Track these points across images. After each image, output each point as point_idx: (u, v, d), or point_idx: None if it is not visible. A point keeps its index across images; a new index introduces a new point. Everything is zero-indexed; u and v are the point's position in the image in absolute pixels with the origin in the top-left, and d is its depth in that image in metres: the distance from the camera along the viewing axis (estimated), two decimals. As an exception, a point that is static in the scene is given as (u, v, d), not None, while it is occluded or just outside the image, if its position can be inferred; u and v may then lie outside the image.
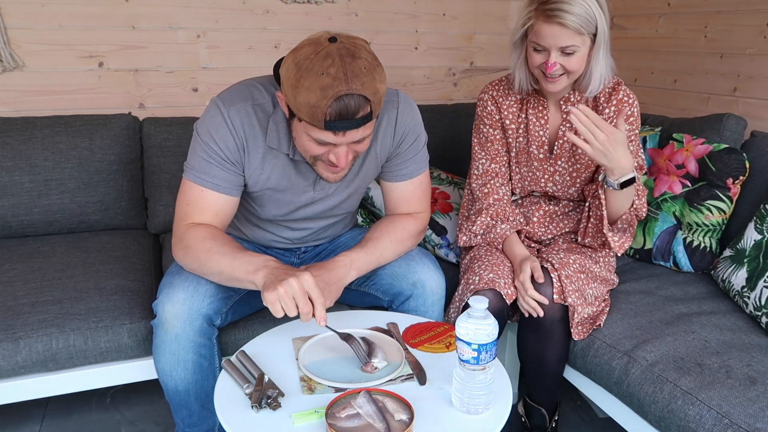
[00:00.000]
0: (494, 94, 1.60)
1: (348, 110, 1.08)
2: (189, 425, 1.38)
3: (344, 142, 1.14)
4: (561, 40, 1.37)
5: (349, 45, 1.10)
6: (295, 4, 2.22)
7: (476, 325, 0.99)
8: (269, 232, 1.49)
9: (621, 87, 1.52)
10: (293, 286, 1.06)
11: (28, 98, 2.02)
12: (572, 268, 1.45)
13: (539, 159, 1.59)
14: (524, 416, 1.64)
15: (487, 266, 1.48)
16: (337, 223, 1.55)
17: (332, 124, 1.09)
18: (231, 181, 1.28)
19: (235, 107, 1.25)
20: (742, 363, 1.26)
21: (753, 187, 1.67)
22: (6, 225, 1.86)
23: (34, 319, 1.42)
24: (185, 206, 1.28)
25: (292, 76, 1.09)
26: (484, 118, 1.62)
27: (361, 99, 1.09)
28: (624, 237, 1.50)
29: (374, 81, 1.10)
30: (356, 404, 1.00)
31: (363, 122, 1.12)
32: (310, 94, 1.07)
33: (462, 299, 1.47)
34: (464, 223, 1.67)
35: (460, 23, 2.49)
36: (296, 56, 1.10)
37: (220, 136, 1.24)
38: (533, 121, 1.57)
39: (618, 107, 1.51)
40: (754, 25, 1.91)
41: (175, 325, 1.25)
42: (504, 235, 1.56)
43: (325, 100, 1.06)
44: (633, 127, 1.53)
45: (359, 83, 1.07)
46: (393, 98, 1.36)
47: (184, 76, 2.17)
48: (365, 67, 1.09)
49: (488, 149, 1.61)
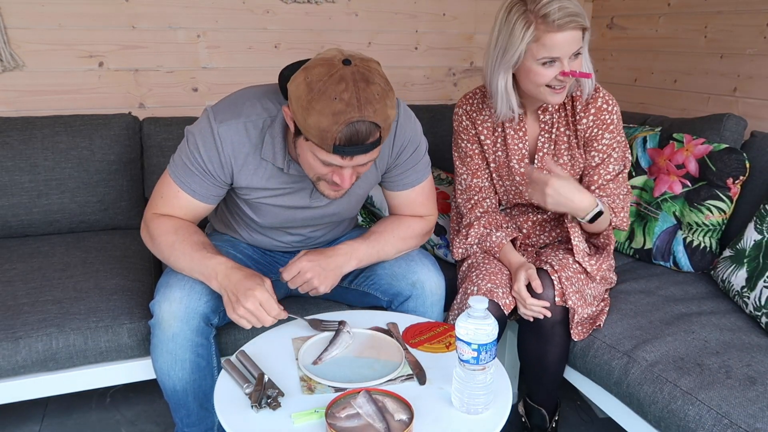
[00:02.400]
0: (468, 109, 1.56)
1: (358, 136, 1.07)
2: (188, 425, 1.38)
3: (351, 165, 1.14)
4: (574, 44, 1.32)
5: (363, 69, 1.08)
6: (295, 4, 2.22)
7: (476, 325, 0.99)
8: (268, 237, 1.49)
9: (599, 93, 1.46)
10: (249, 308, 1.14)
11: (28, 98, 2.02)
12: (572, 269, 1.45)
13: (520, 173, 1.55)
14: (524, 416, 1.64)
15: (485, 275, 1.47)
16: (337, 228, 1.55)
17: (341, 148, 1.08)
18: (208, 190, 1.31)
19: (226, 124, 1.24)
20: (742, 363, 1.26)
21: (753, 187, 1.67)
22: (6, 225, 1.86)
23: (34, 319, 1.41)
24: (159, 197, 1.33)
25: (303, 96, 1.07)
26: (461, 133, 1.58)
27: (372, 126, 1.07)
28: (601, 258, 1.52)
29: (386, 107, 1.09)
30: (356, 404, 1.00)
31: (372, 148, 1.11)
32: (321, 118, 1.05)
33: (461, 308, 1.46)
34: (456, 237, 1.63)
35: (460, 23, 2.49)
36: (308, 76, 1.07)
37: (206, 150, 1.26)
38: (511, 134, 1.52)
39: (596, 116, 1.46)
40: (754, 25, 1.91)
41: (172, 324, 1.25)
42: (500, 244, 1.53)
43: (337, 125, 1.05)
44: (614, 135, 1.47)
45: (372, 110, 1.06)
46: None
47: (184, 76, 2.17)
48: (378, 93, 1.07)
49: (468, 164, 1.58)
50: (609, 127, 1.46)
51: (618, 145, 1.48)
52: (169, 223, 1.30)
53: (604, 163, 1.48)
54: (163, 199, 1.32)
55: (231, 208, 1.48)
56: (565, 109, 1.50)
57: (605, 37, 2.53)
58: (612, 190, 1.49)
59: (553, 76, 1.34)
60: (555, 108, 1.49)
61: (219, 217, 1.58)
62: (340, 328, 1.22)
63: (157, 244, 1.29)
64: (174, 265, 1.27)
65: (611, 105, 1.46)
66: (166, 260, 1.30)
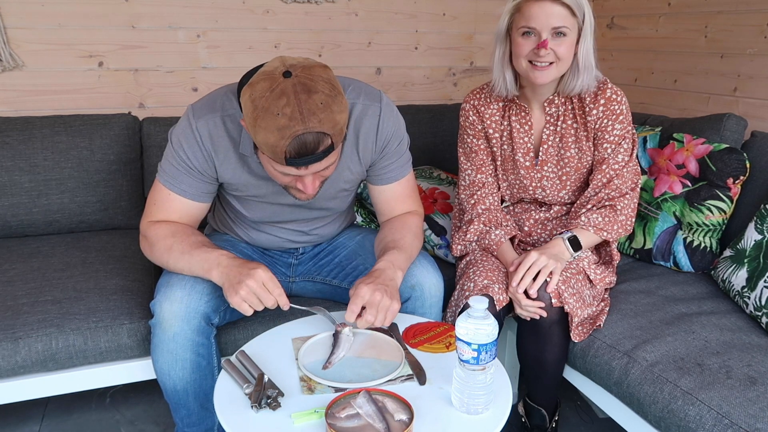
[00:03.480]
0: (475, 104, 1.58)
1: (307, 147, 1.07)
2: (188, 425, 1.38)
3: (308, 173, 1.15)
4: (554, 18, 1.34)
5: (304, 79, 1.07)
6: (295, 4, 2.22)
7: (476, 325, 0.99)
8: (264, 233, 1.50)
9: (608, 85, 1.49)
10: (251, 286, 1.13)
11: (28, 98, 2.02)
12: (570, 270, 1.45)
13: (525, 167, 1.57)
14: (524, 416, 1.64)
15: (482, 272, 1.47)
16: (332, 222, 1.55)
17: (293, 161, 1.09)
18: (198, 188, 1.31)
19: (204, 119, 1.26)
20: (742, 363, 1.26)
21: (753, 187, 1.67)
22: (6, 225, 1.86)
23: (34, 319, 1.41)
24: (152, 205, 1.34)
25: (250, 114, 1.08)
26: (467, 128, 1.60)
27: (319, 135, 1.07)
28: (606, 271, 1.55)
29: (332, 114, 1.07)
30: (356, 404, 1.00)
31: (324, 155, 1.11)
32: (268, 134, 1.06)
33: (458, 304, 1.47)
34: (456, 233, 1.65)
35: (460, 23, 2.49)
36: (252, 93, 1.08)
37: (188, 146, 1.27)
38: (517, 128, 1.55)
39: (606, 106, 1.47)
40: (754, 25, 1.91)
41: (173, 324, 1.25)
42: (499, 242, 1.54)
43: (283, 140, 1.05)
44: (624, 125, 1.49)
45: (316, 120, 1.05)
46: (375, 103, 1.34)
47: (184, 76, 2.17)
48: (322, 102, 1.06)
49: (473, 159, 1.60)
50: (619, 117, 1.48)
51: (628, 135, 1.50)
52: (166, 227, 1.30)
53: (614, 153, 1.49)
54: (157, 206, 1.33)
55: (225, 206, 1.50)
56: (572, 102, 1.51)
57: (605, 37, 2.53)
58: (618, 186, 1.49)
59: (530, 49, 1.38)
60: (561, 101, 1.50)
61: (216, 215, 1.59)
62: (339, 330, 1.22)
63: (156, 250, 1.29)
64: (174, 266, 1.27)
65: (620, 96, 1.48)
66: (165, 264, 1.29)
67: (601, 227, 1.48)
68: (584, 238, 1.48)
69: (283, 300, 1.17)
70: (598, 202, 1.50)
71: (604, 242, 1.56)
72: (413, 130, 2.23)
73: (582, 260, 1.50)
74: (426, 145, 2.26)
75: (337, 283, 1.52)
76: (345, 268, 1.51)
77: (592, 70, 1.44)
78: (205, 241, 1.28)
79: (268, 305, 1.15)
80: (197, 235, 1.30)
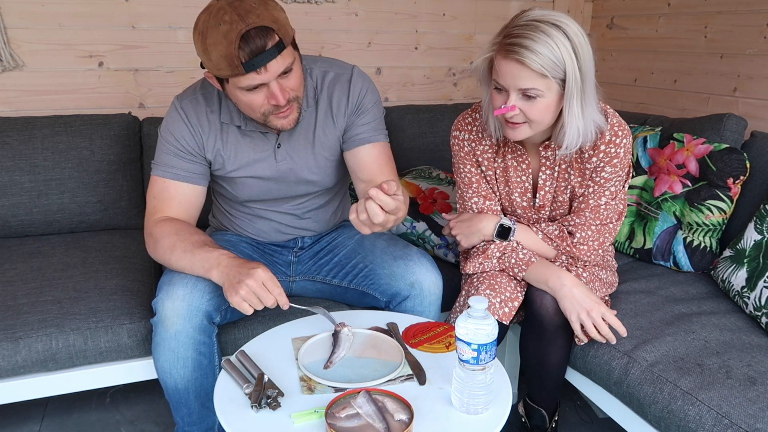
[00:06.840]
0: (467, 138, 1.46)
1: (256, 45, 1.14)
2: (189, 424, 1.38)
3: (271, 77, 1.19)
4: (520, 80, 1.20)
5: None
6: (295, 4, 2.22)
7: (476, 325, 0.99)
8: (259, 218, 1.52)
9: (607, 126, 1.33)
10: (251, 286, 1.14)
11: (28, 98, 2.02)
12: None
13: (523, 207, 1.48)
14: (524, 416, 1.64)
15: (484, 279, 1.45)
16: (324, 207, 1.56)
17: (249, 64, 1.14)
18: (190, 169, 1.37)
19: (186, 98, 1.37)
20: (742, 363, 1.26)
21: (753, 187, 1.67)
22: (6, 225, 1.86)
23: (34, 319, 1.41)
24: (152, 200, 1.37)
25: (200, 42, 1.17)
26: (463, 159, 1.48)
27: (262, 29, 1.14)
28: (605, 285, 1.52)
29: (269, 10, 1.16)
30: (356, 404, 1.00)
31: (277, 51, 1.16)
32: (218, 47, 1.13)
33: (463, 310, 1.45)
34: (469, 249, 1.52)
35: (460, 23, 2.49)
36: (197, 27, 1.18)
37: (175, 128, 1.35)
38: (513, 166, 1.44)
39: (606, 152, 1.34)
40: (754, 25, 1.91)
41: (175, 322, 1.25)
42: (529, 262, 1.41)
43: (231, 45, 1.12)
44: (616, 170, 1.36)
45: (255, 16, 1.13)
46: (346, 71, 1.42)
47: (184, 76, 2.17)
48: (255, 3, 1.15)
49: (477, 189, 1.48)
50: (613, 161, 1.36)
51: (619, 177, 1.39)
52: (170, 225, 1.31)
53: (595, 194, 1.40)
54: (156, 198, 1.37)
55: (220, 201, 1.54)
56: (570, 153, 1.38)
57: (605, 37, 2.53)
58: (588, 218, 1.42)
59: (500, 104, 1.25)
60: (558, 146, 1.35)
61: (216, 214, 1.61)
62: (339, 330, 1.22)
63: (159, 248, 1.30)
64: (176, 265, 1.28)
65: (620, 136, 1.34)
66: (167, 262, 1.30)
67: (552, 237, 1.43)
68: (523, 234, 1.42)
69: (282, 299, 1.17)
70: (563, 221, 1.45)
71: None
72: (413, 130, 2.25)
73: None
74: (426, 145, 2.25)
75: (337, 282, 1.52)
76: (345, 267, 1.52)
77: (587, 131, 1.30)
78: (207, 241, 1.28)
79: (268, 305, 1.15)
80: (200, 234, 1.31)
